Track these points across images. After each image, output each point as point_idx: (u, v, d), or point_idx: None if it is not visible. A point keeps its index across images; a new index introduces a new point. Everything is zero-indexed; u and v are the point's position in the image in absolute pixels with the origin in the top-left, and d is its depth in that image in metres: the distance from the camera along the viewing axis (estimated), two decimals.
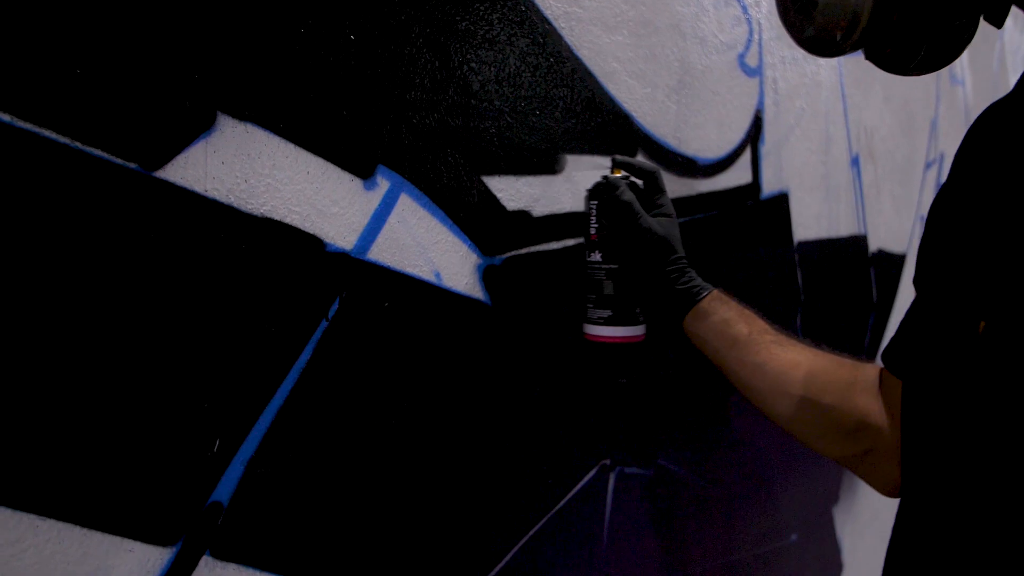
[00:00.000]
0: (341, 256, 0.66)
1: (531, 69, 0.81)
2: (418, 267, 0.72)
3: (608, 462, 0.98)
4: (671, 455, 1.09)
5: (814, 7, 0.66)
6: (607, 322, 0.85)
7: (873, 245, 1.56)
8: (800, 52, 1.22)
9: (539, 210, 0.83)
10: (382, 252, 0.69)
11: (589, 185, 0.86)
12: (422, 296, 0.73)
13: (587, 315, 0.87)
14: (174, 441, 0.56)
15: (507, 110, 0.79)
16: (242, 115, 0.58)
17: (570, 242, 0.88)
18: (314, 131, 0.63)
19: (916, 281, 0.65)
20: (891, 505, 0.67)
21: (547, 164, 0.84)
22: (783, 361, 0.77)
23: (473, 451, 0.79)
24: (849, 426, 0.71)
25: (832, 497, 1.59)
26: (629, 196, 0.81)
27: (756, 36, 1.12)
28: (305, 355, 0.64)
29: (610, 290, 0.85)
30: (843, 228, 1.43)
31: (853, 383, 0.72)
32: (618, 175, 0.85)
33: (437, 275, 0.74)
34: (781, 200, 1.25)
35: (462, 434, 0.78)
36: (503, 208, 0.80)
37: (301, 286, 0.63)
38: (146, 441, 0.55)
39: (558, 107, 0.84)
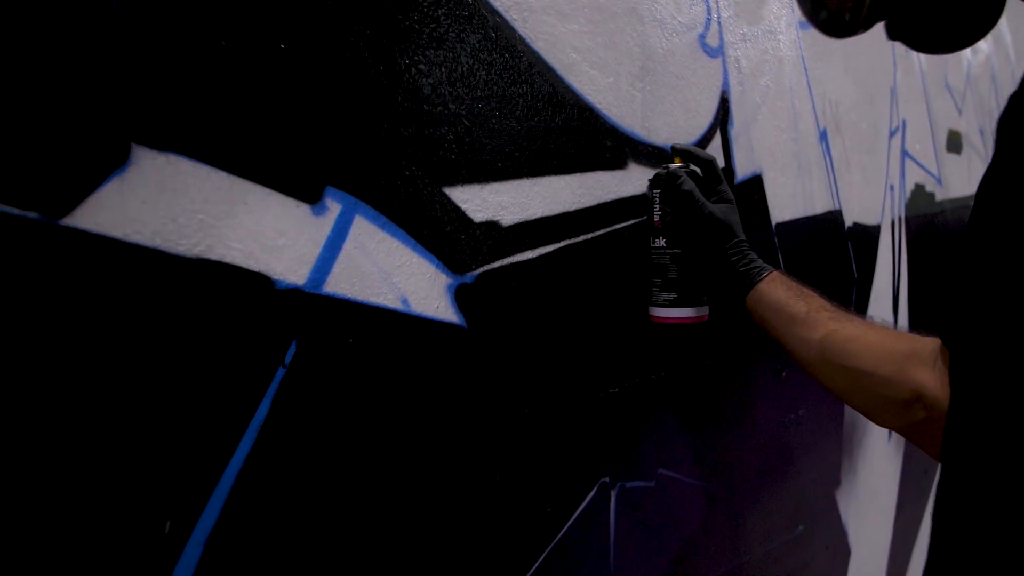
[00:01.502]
0: (294, 293, 0.59)
1: (485, 67, 0.74)
2: (382, 295, 0.65)
3: (607, 480, 0.91)
4: (671, 462, 1.03)
5: None
6: (673, 304, 0.90)
7: (848, 219, 1.52)
8: (759, 28, 1.17)
9: (509, 219, 0.77)
10: (340, 283, 0.62)
11: (650, 176, 0.92)
12: (390, 327, 0.66)
13: (652, 298, 0.92)
14: (114, 528, 0.48)
15: (464, 113, 0.72)
16: (161, 144, 0.51)
17: (546, 249, 0.81)
18: (248, 156, 0.56)
19: (970, 256, 0.63)
20: (889, 483, 0.62)
21: (513, 168, 0.77)
22: (841, 336, 0.80)
23: (461, 491, 0.72)
24: (906, 396, 0.72)
25: (834, 482, 1.54)
26: (690, 185, 0.88)
27: (715, 15, 1.07)
28: (262, 410, 0.56)
29: (675, 273, 0.90)
30: (818, 205, 1.39)
31: (911, 355, 0.73)
32: (678, 164, 0.90)
33: (404, 301, 0.67)
34: (755, 182, 1.19)
35: (448, 473, 0.71)
36: (470, 220, 0.73)
37: (250, 332, 0.56)
38: (80, 532, 0.47)
39: (518, 105, 0.77)
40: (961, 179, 2.28)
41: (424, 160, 0.68)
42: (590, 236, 0.86)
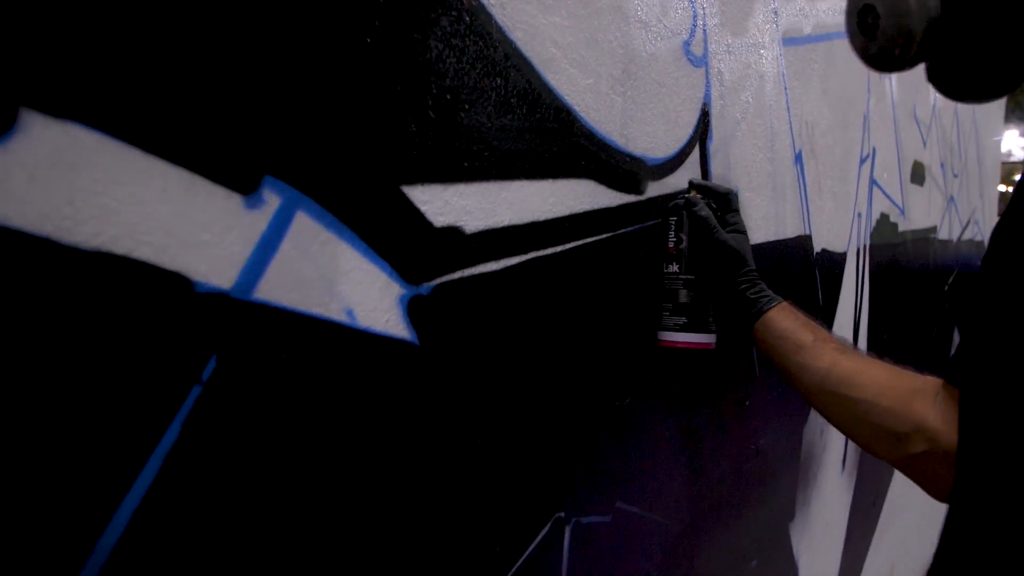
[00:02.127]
0: (217, 298, 0.50)
1: (456, 53, 0.66)
2: (323, 305, 0.56)
3: (562, 514, 0.84)
4: (630, 496, 0.96)
5: (876, 28, 0.74)
6: (682, 329, 0.93)
7: (817, 245, 1.48)
8: (743, 41, 1.12)
9: (473, 225, 0.69)
10: (274, 289, 0.53)
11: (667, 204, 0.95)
12: (331, 341, 0.57)
13: (662, 322, 0.95)
14: None
15: (428, 104, 0.63)
16: (59, 110, 0.41)
17: (512, 261, 0.73)
18: (170, 132, 0.47)
19: (984, 301, 0.67)
20: (840, 515, 0.58)
21: (480, 170, 0.69)
22: (845, 367, 0.82)
23: (403, 530, 0.64)
24: (906, 429, 0.74)
25: (789, 514, 1.50)
26: (706, 212, 0.91)
27: (701, 22, 1.01)
28: (170, 435, 0.47)
29: (685, 299, 0.93)
30: (790, 229, 1.34)
31: (913, 390, 0.76)
32: (695, 195, 0.94)
33: (350, 313, 0.58)
34: None
35: (389, 510, 0.62)
36: (429, 224, 0.64)
37: (161, 343, 0.47)
38: None
39: (490, 100, 0.69)
40: (922, 210, 2.28)
41: (381, 153, 0.60)
42: (560, 249, 0.79)
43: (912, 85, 2.07)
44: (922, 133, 2.23)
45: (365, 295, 0.59)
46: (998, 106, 3.74)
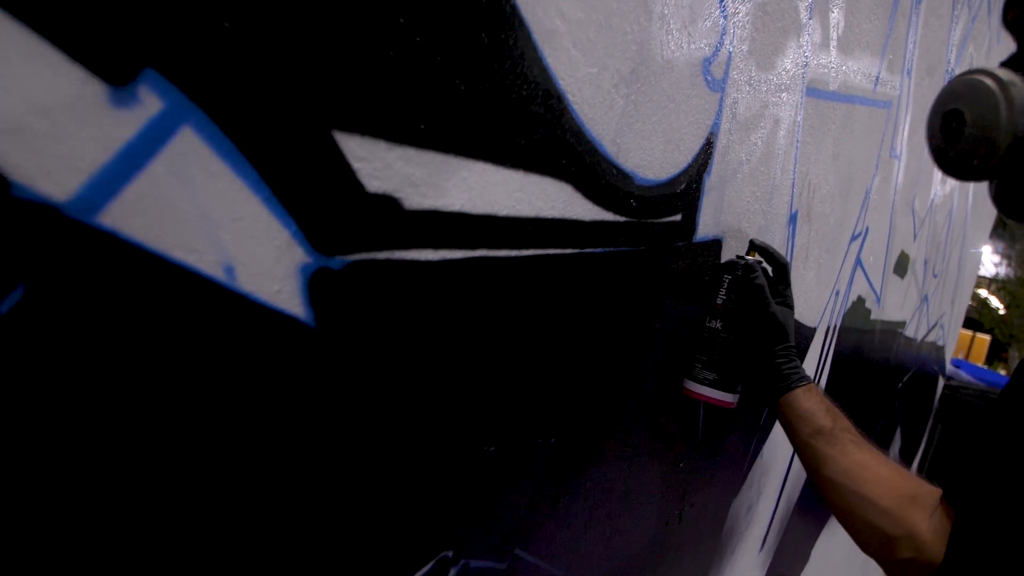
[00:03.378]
0: (42, 209, 0.37)
1: None
2: (195, 253, 0.44)
3: (450, 554, 0.72)
4: (532, 544, 0.85)
5: (960, 134, 0.74)
6: (711, 384, 0.96)
7: None
8: (767, 77, 1.02)
9: (416, 200, 0.57)
10: (131, 216, 0.40)
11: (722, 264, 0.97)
12: (196, 300, 0.44)
13: (692, 372, 0.97)
14: None
15: (392, 37, 0.51)
16: None
17: (455, 254, 0.61)
18: None
19: (995, 432, 0.71)
20: None
21: (439, 138, 0.57)
22: (855, 460, 0.84)
23: (257, 560, 0.51)
24: (899, 533, 0.77)
25: None
26: (763, 281, 0.93)
27: (728, 43, 0.90)
28: None
29: (721, 357, 0.96)
30: None
31: (914, 496, 0.79)
32: (754, 257, 0.96)
33: (229, 271, 0.46)
34: (714, 247, 1.03)
35: (241, 533, 0.50)
36: (360, 186, 0.52)
37: None
38: None
39: (469, 57, 0.57)
40: (897, 303, 2.22)
41: (317, 80, 0.47)
42: (514, 254, 0.67)
43: (917, 175, 2.00)
44: (915, 225, 2.16)
45: (255, 253, 0.47)
46: (988, 219, 3.74)
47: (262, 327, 0.48)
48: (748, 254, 0.97)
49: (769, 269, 0.97)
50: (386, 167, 0.53)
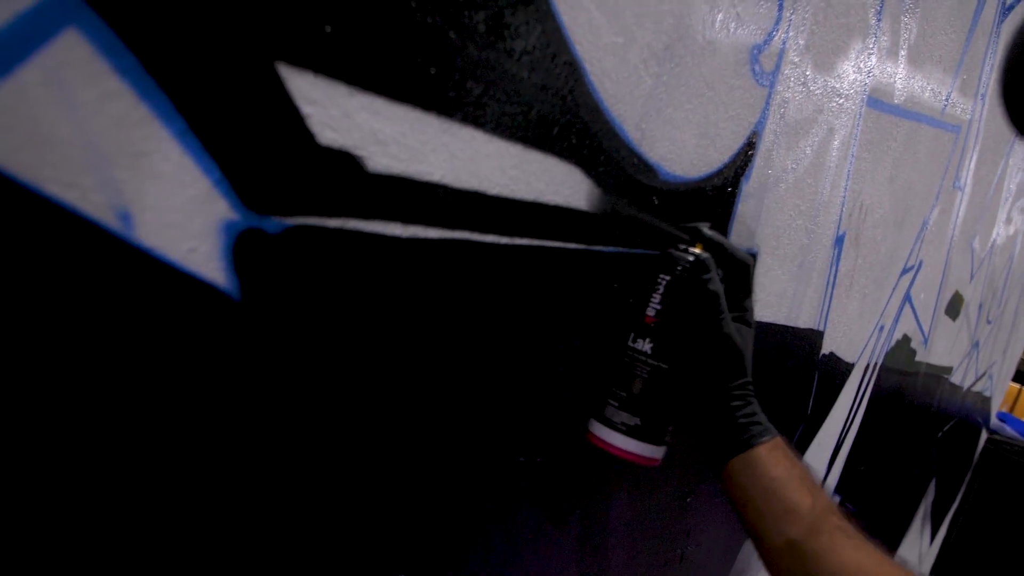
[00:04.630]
0: None
1: None
2: (79, 190, 0.35)
3: None
4: None
5: None
6: (632, 432, 0.68)
7: (827, 346, 1.27)
8: (825, 78, 0.91)
9: (383, 162, 0.48)
10: None
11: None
12: (77, 250, 0.36)
13: (604, 412, 0.69)
14: None
15: None
16: None
17: (429, 233, 0.52)
18: None
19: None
20: None
21: (419, 90, 0.48)
22: (848, 561, 0.61)
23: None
24: None
25: None
26: (719, 287, 0.66)
27: (783, 31, 0.80)
28: None
29: (647, 393, 0.68)
30: (803, 318, 1.13)
31: None
32: (705, 254, 0.67)
33: (125, 217, 0.37)
34: None
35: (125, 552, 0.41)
36: (310, 136, 0.43)
37: None
38: None
39: (467, 4, 0.48)
40: (945, 346, 2.07)
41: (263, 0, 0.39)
42: (504, 241, 0.58)
43: (980, 211, 1.85)
44: (973, 265, 2.02)
45: (162, 200, 0.38)
46: None
47: (167, 291, 0.40)
48: (694, 247, 0.69)
49: (722, 271, 0.70)
50: (344, 116, 0.44)
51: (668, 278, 0.67)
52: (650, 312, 0.67)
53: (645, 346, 0.67)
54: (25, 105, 0.33)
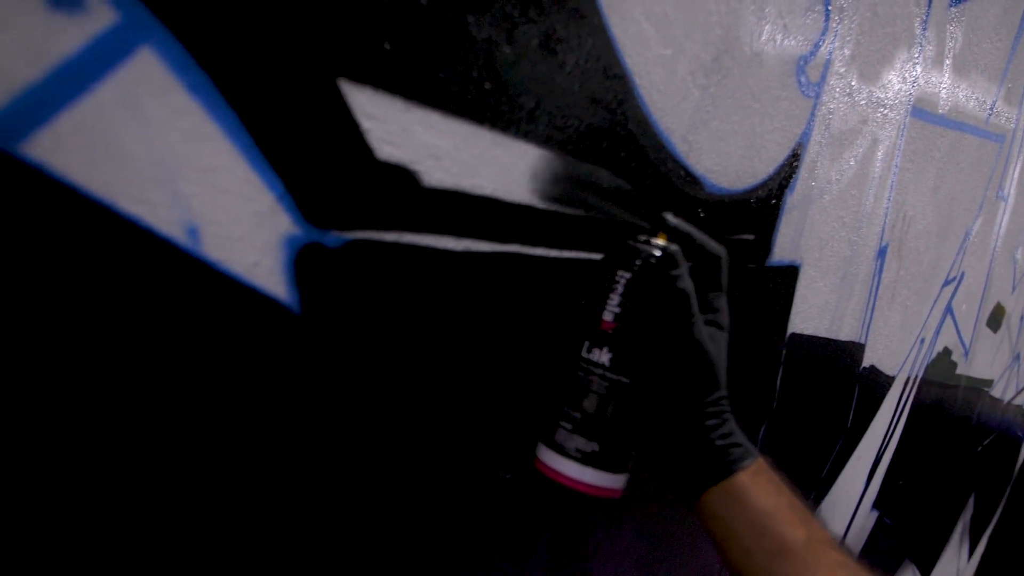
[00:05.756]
0: None
1: None
2: (148, 205, 0.36)
3: None
4: None
5: None
6: (588, 460, 0.56)
7: (868, 359, 1.25)
8: (870, 89, 0.90)
9: (437, 176, 0.48)
10: (64, 150, 0.33)
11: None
12: (148, 264, 0.37)
13: (555, 437, 0.57)
14: None
15: None
16: None
17: (479, 246, 0.52)
18: None
19: None
20: None
21: (472, 105, 0.48)
22: None
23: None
24: None
25: None
26: (689, 285, 0.54)
27: (829, 42, 0.79)
28: None
29: (610, 414, 0.56)
30: (845, 330, 1.11)
31: None
32: (673, 246, 0.55)
33: (193, 233, 0.38)
34: (789, 274, 0.92)
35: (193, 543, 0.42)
36: (370, 152, 0.44)
37: None
38: None
39: (515, 16, 0.49)
40: (986, 359, 2.03)
41: (327, 13, 0.39)
42: (555, 255, 0.58)
43: (1022, 222, 1.82)
44: (1015, 277, 1.98)
45: (228, 214, 0.39)
46: None
47: (231, 304, 0.40)
48: (655, 238, 0.57)
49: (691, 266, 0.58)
50: (402, 132, 0.45)
51: (628, 275, 0.55)
52: (607, 316, 0.56)
53: (602, 357, 0.55)
54: (102, 123, 0.33)
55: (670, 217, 0.58)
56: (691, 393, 0.55)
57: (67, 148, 0.33)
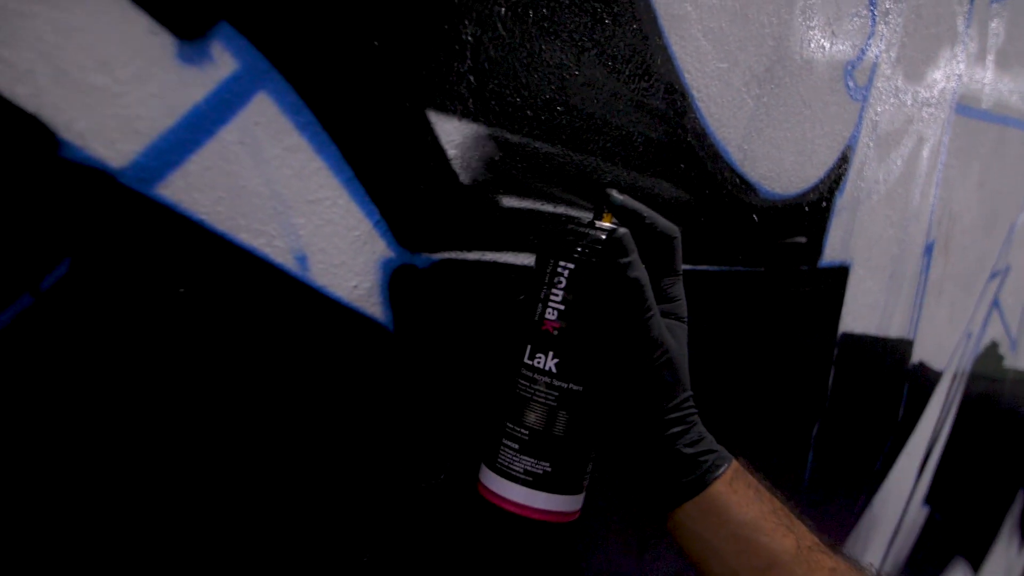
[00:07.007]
0: (94, 174, 0.33)
1: None
2: (263, 237, 0.39)
3: None
4: None
5: None
6: (539, 483, 0.47)
7: (916, 355, 1.25)
8: (915, 89, 0.91)
9: (512, 197, 0.50)
10: (193, 190, 0.36)
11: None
12: (261, 291, 0.39)
13: (499, 458, 0.48)
14: None
15: (499, 14, 0.45)
16: None
17: (569, 264, 0.54)
18: None
19: None
20: None
21: (547, 127, 0.51)
22: None
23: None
24: None
25: None
26: (642, 274, 0.46)
27: (875, 47, 0.80)
28: None
29: (560, 429, 0.47)
30: (894, 327, 1.12)
31: None
32: (611, 224, 0.48)
33: (302, 260, 0.41)
34: (840, 274, 0.93)
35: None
36: (455, 175, 0.46)
37: None
38: None
39: (583, 38, 0.51)
40: None
41: (411, 52, 0.42)
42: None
43: None
44: None
45: (332, 242, 0.41)
46: None
47: (334, 326, 0.43)
48: (600, 220, 0.49)
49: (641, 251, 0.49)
50: (482, 157, 0.47)
51: (571, 266, 0.47)
52: (550, 315, 0.47)
53: (548, 363, 0.47)
54: (225, 162, 0.36)
55: (615, 193, 0.49)
56: (652, 398, 0.48)
57: (195, 187, 0.36)
